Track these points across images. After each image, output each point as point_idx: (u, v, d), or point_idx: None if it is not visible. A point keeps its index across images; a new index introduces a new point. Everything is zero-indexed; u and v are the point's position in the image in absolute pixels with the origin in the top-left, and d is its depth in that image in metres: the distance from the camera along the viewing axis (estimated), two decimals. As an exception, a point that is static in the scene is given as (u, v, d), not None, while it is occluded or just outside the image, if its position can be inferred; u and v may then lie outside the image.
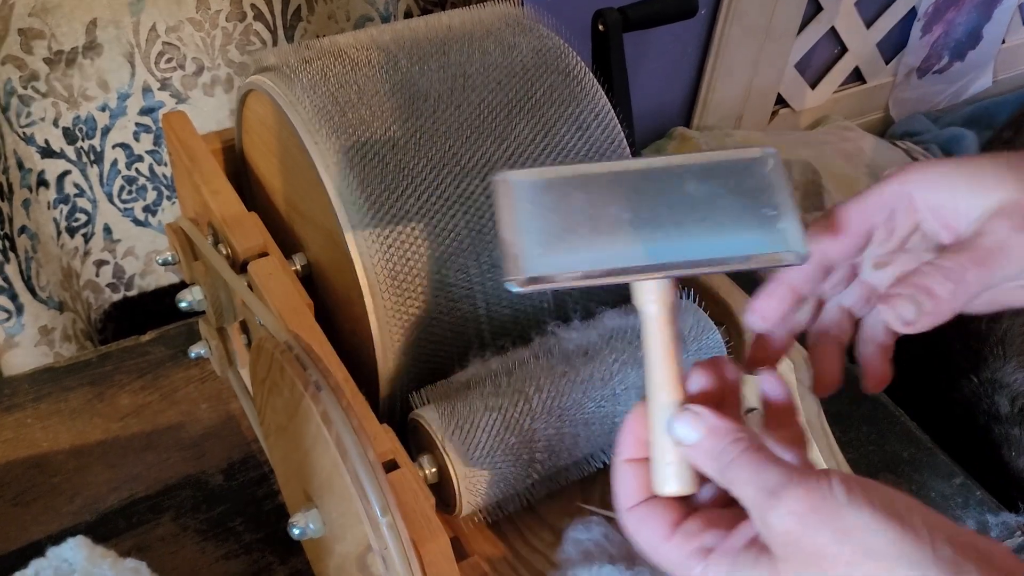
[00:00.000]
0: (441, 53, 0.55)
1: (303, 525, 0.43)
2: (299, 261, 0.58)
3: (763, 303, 0.37)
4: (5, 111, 0.74)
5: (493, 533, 0.54)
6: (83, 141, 0.79)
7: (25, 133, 0.76)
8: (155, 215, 0.87)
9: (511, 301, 0.54)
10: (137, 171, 0.83)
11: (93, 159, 0.81)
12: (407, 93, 0.53)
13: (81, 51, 0.75)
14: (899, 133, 1.46)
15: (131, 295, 0.89)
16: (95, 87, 0.77)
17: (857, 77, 1.44)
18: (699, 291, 0.58)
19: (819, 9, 1.28)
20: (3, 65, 0.73)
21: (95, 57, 0.76)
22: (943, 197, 0.36)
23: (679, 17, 0.80)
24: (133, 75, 0.78)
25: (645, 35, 1.10)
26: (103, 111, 0.79)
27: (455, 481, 0.49)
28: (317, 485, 0.43)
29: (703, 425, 0.32)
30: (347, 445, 0.38)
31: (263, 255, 0.53)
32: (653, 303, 0.34)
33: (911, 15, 1.39)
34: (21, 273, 0.78)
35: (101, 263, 0.86)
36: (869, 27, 1.36)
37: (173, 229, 0.59)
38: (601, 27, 0.77)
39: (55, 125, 0.77)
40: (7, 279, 0.77)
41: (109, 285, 0.88)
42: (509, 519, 0.55)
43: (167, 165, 0.84)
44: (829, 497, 0.29)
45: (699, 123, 1.28)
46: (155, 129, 0.82)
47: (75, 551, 0.50)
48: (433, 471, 0.50)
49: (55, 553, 0.50)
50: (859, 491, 0.29)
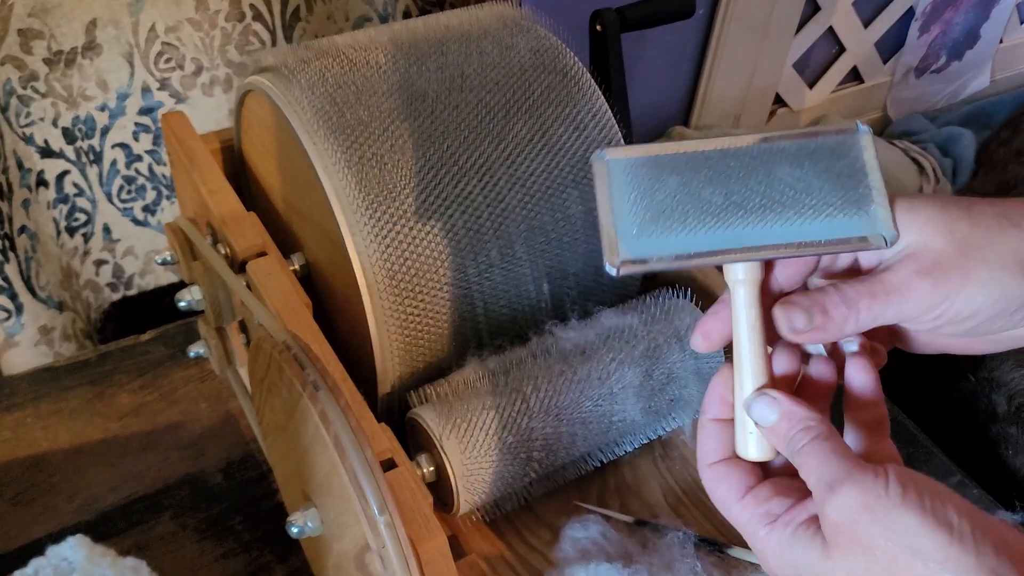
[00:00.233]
0: (439, 53, 0.56)
1: (301, 524, 0.43)
2: (297, 261, 0.58)
3: (707, 324, 0.38)
4: (5, 111, 0.75)
5: (491, 532, 0.55)
6: (82, 141, 0.79)
7: (25, 133, 0.76)
8: (154, 215, 0.87)
9: (509, 300, 0.54)
10: (136, 171, 0.84)
11: (92, 159, 0.81)
12: (405, 93, 0.53)
13: (80, 51, 0.75)
14: (897, 132, 1.47)
15: (130, 295, 0.89)
16: (94, 87, 0.77)
17: (855, 77, 1.44)
18: (697, 291, 0.58)
19: (817, 9, 1.28)
20: (3, 65, 0.73)
21: (94, 57, 0.76)
22: None
23: (677, 17, 0.80)
24: (132, 75, 0.78)
25: (643, 35, 1.10)
26: (102, 111, 0.79)
27: (453, 480, 0.49)
28: (315, 484, 0.43)
29: (778, 409, 0.34)
30: (345, 444, 0.38)
31: (262, 255, 0.53)
32: (742, 283, 0.36)
33: (909, 15, 1.39)
34: (21, 273, 0.78)
35: (101, 263, 0.87)
36: (867, 27, 1.36)
37: (172, 229, 0.59)
38: (599, 27, 0.78)
39: (54, 125, 0.77)
40: (7, 279, 0.77)
41: (108, 285, 0.88)
42: (507, 518, 0.55)
43: (166, 165, 0.84)
44: (883, 496, 0.30)
45: (697, 122, 1.28)
46: (154, 129, 0.82)
47: (75, 550, 0.50)
48: (431, 470, 0.50)
49: (55, 552, 0.50)
50: (913, 492, 0.30)
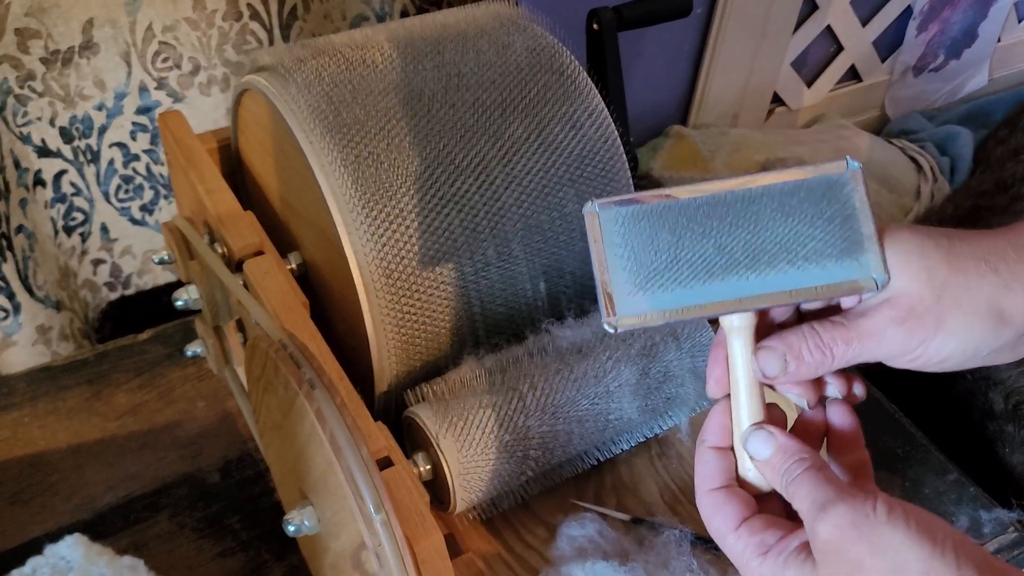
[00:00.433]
0: (436, 52, 0.56)
1: (298, 522, 0.43)
2: (294, 260, 0.58)
3: (715, 371, 0.38)
4: (2, 110, 0.75)
5: (487, 530, 0.55)
6: (80, 140, 0.79)
7: (22, 132, 0.76)
8: (152, 214, 0.87)
9: (505, 299, 0.54)
10: (134, 170, 0.84)
11: (90, 158, 0.81)
12: (402, 92, 0.53)
13: (77, 51, 0.75)
14: (895, 131, 1.47)
15: (128, 294, 0.89)
16: (91, 86, 0.77)
17: (853, 75, 1.44)
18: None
19: (815, 7, 1.28)
20: (0, 64, 0.73)
21: (91, 56, 0.76)
22: None
23: (674, 16, 0.80)
24: (129, 74, 0.78)
25: (641, 34, 1.10)
26: (100, 110, 0.79)
27: (449, 478, 0.49)
28: (312, 482, 0.43)
29: (774, 443, 0.36)
30: (341, 443, 0.38)
31: (258, 254, 0.53)
32: (737, 330, 0.37)
33: (907, 13, 1.39)
34: (18, 272, 0.78)
35: (98, 262, 0.87)
36: (865, 25, 1.36)
37: (169, 228, 0.59)
38: (595, 26, 0.77)
39: (52, 124, 0.77)
40: (4, 278, 0.77)
41: (106, 284, 0.88)
42: (504, 516, 0.55)
43: (164, 164, 0.84)
44: (871, 515, 0.32)
45: (695, 121, 1.28)
46: (152, 128, 0.82)
47: (72, 549, 0.50)
48: (427, 468, 0.50)
49: (52, 551, 0.50)
50: (899, 512, 0.32)
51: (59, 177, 0.80)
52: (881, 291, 0.36)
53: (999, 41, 1.55)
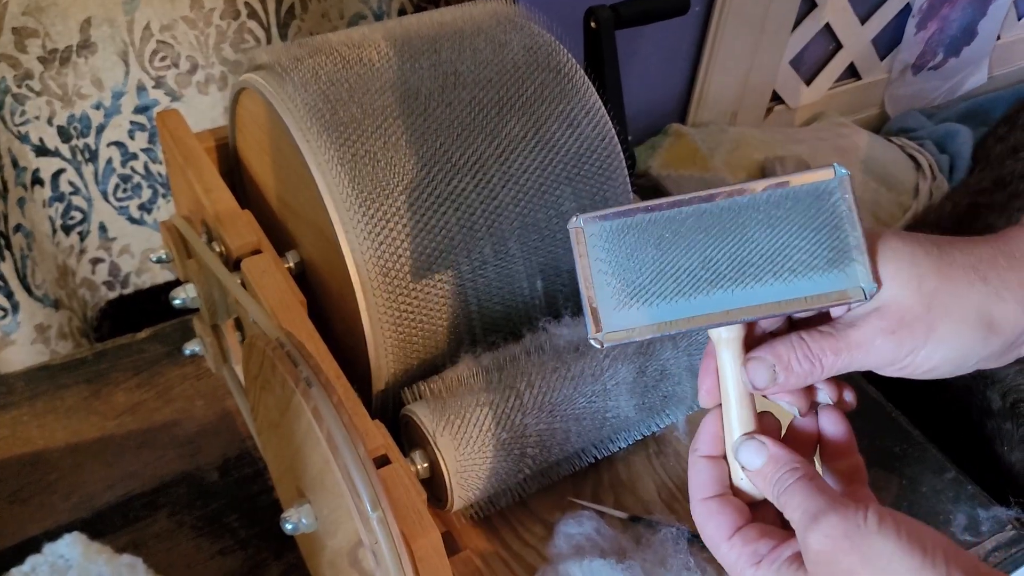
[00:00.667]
0: (432, 51, 0.56)
1: (296, 520, 0.43)
2: (292, 258, 0.58)
3: (706, 382, 0.38)
4: (0, 109, 0.75)
5: (485, 528, 0.55)
6: (78, 139, 0.79)
7: (20, 131, 0.77)
8: (150, 213, 0.87)
9: (502, 297, 0.54)
10: (132, 169, 0.84)
11: (88, 157, 0.81)
12: (398, 91, 0.53)
13: (75, 49, 0.75)
14: (894, 129, 1.47)
15: (127, 293, 0.89)
16: (89, 85, 0.77)
17: (852, 73, 1.44)
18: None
19: (813, 5, 1.28)
20: (-3, 64, 0.73)
21: (89, 56, 0.76)
22: None
23: (671, 14, 0.80)
24: (127, 73, 0.79)
25: (640, 32, 1.10)
26: (97, 109, 0.79)
27: (447, 476, 0.49)
28: (309, 481, 0.43)
29: (766, 453, 0.36)
30: (338, 441, 0.38)
31: (256, 252, 0.53)
32: (726, 342, 0.37)
33: (906, 11, 1.39)
34: (17, 271, 0.78)
35: (97, 261, 0.87)
36: (864, 23, 1.36)
37: (167, 227, 0.59)
38: (593, 24, 0.78)
39: (50, 123, 0.77)
40: (2, 277, 0.77)
41: (105, 283, 0.88)
42: (501, 514, 0.55)
43: (162, 163, 0.84)
44: (862, 525, 0.32)
45: (694, 119, 1.28)
46: (149, 127, 0.82)
47: (71, 547, 0.50)
48: (425, 466, 0.50)
49: (51, 549, 0.50)
50: (890, 522, 0.32)
51: (57, 176, 0.80)
52: (870, 300, 0.35)
53: (998, 39, 1.55)
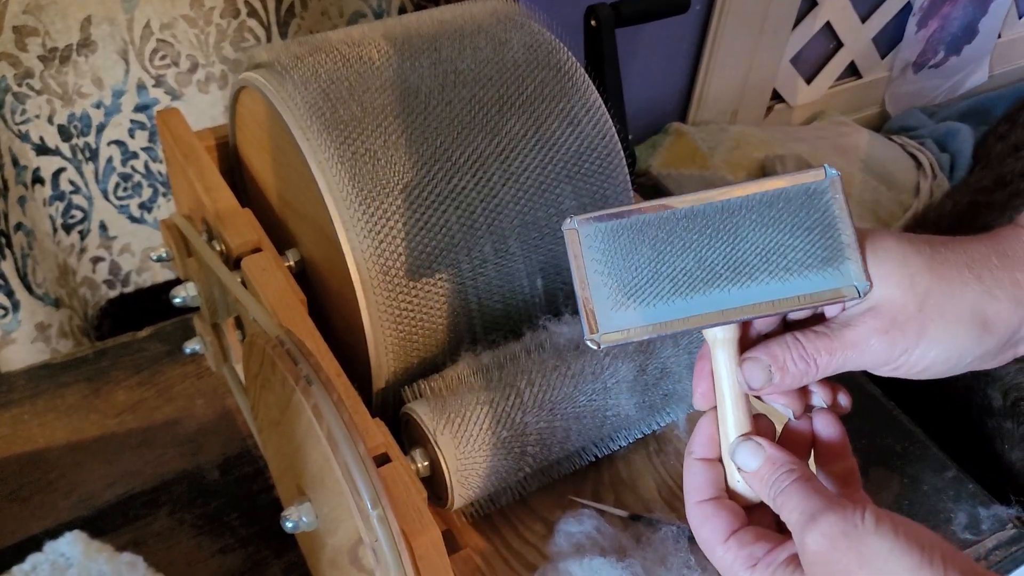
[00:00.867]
0: (432, 49, 0.56)
1: (296, 519, 0.43)
2: (292, 257, 0.58)
3: (701, 385, 0.38)
4: (0, 108, 0.75)
5: (485, 526, 0.55)
6: (78, 138, 0.79)
7: (20, 130, 0.77)
8: (151, 212, 0.87)
9: (502, 296, 0.54)
10: (132, 168, 0.84)
11: (88, 156, 0.81)
12: (398, 89, 0.53)
13: (75, 48, 0.75)
14: (895, 128, 1.46)
15: (127, 291, 0.89)
16: (90, 84, 0.77)
17: (853, 72, 1.43)
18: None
19: (814, 4, 1.28)
20: (-2, 63, 0.73)
21: (89, 54, 0.76)
22: None
23: (672, 12, 0.80)
24: (127, 72, 0.78)
25: (640, 30, 1.10)
26: (98, 108, 0.79)
27: (447, 475, 0.49)
28: (309, 479, 0.43)
29: (762, 455, 0.36)
30: (338, 439, 0.38)
31: (256, 251, 0.53)
32: (721, 342, 0.37)
33: (906, 9, 1.39)
34: (17, 270, 0.78)
35: (97, 260, 0.87)
36: (864, 22, 1.36)
37: (167, 225, 0.59)
38: (593, 22, 0.78)
39: (50, 122, 0.77)
40: (3, 276, 0.77)
41: (105, 282, 0.88)
42: (501, 512, 0.55)
43: (162, 162, 0.84)
44: (859, 525, 0.32)
45: (695, 118, 1.28)
46: (150, 126, 0.82)
47: (72, 546, 0.50)
48: (425, 464, 0.50)
49: (52, 548, 0.50)
50: (887, 522, 0.32)
51: (58, 175, 0.80)
52: (863, 298, 0.35)
53: (999, 37, 1.55)
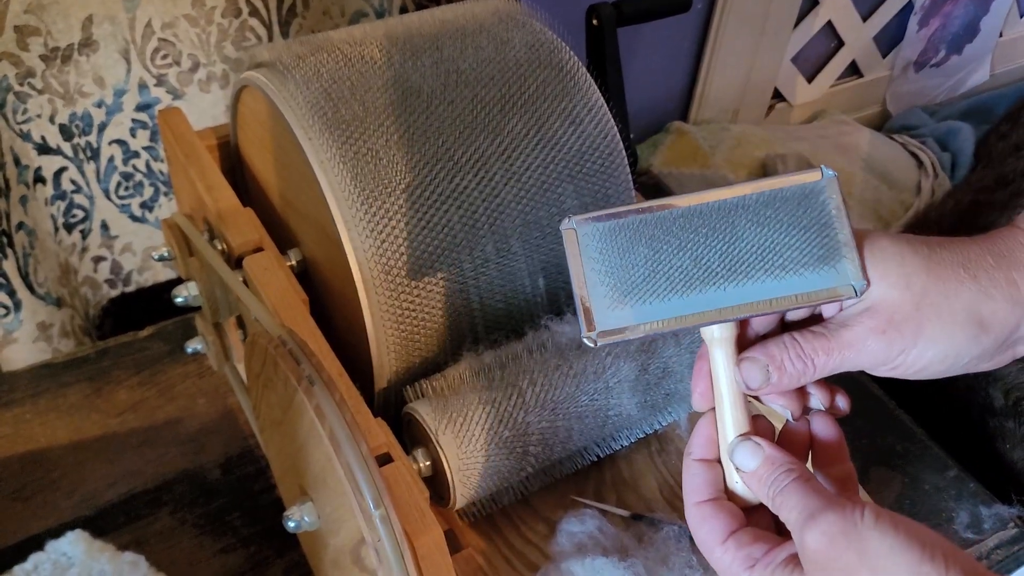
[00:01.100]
0: (434, 49, 0.55)
1: (298, 518, 0.43)
2: (294, 256, 0.58)
3: (700, 385, 0.38)
4: (1, 108, 0.75)
5: (487, 526, 0.55)
6: (79, 137, 0.79)
7: (22, 130, 0.77)
8: (152, 211, 0.87)
9: (504, 295, 0.54)
10: (134, 167, 0.84)
11: (90, 155, 0.81)
12: (400, 89, 0.53)
13: (77, 48, 0.75)
14: (896, 127, 1.46)
15: (129, 291, 0.89)
16: (91, 84, 0.77)
17: (854, 71, 1.43)
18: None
19: (815, 3, 1.28)
20: (-1, 62, 0.73)
21: (91, 54, 0.76)
22: None
23: (673, 11, 0.80)
24: (129, 71, 0.78)
25: (641, 29, 1.10)
26: (99, 107, 0.79)
27: (449, 474, 0.49)
28: (311, 478, 0.43)
29: (761, 455, 0.36)
30: (340, 439, 0.38)
31: (258, 250, 0.53)
32: (718, 341, 0.37)
33: (908, 8, 1.38)
34: (19, 269, 0.78)
35: (99, 259, 0.87)
36: (866, 20, 1.36)
37: (169, 225, 0.59)
38: (595, 22, 0.78)
39: (51, 122, 0.77)
40: (5, 275, 0.77)
41: (107, 281, 0.88)
42: (503, 512, 0.55)
43: (164, 161, 0.84)
44: (859, 523, 0.32)
45: (696, 117, 1.28)
46: (151, 125, 0.82)
47: (74, 545, 0.50)
48: (427, 464, 0.50)
49: (54, 547, 0.50)
50: (887, 520, 0.32)
51: (59, 174, 0.80)
52: (860, 297, 0.36)
53: (1001, 36, 1.55)
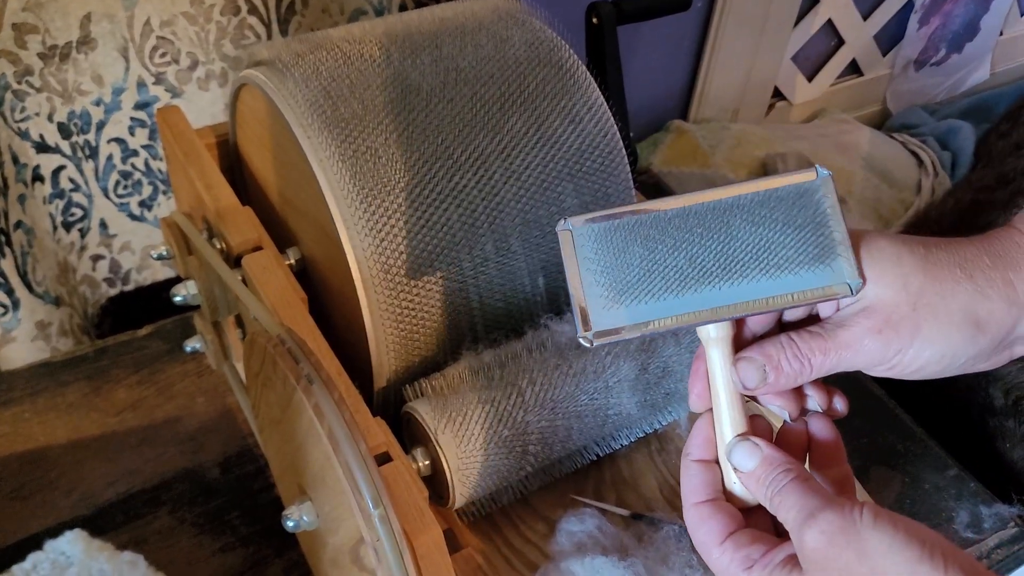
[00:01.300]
0: (434, 47, 0.55)
1: (297, 518, 0.43)
2: (293, 255, 0.58)
3: (697, 385, 0.38)
4: (0, 106, 0.75)
5: (486, 525, 0.55)
6: (78, 136, 0.79)
7: (20, 128, 0.76)
8: (151, 210, 0.87)
9: (504, 294, 0.54)
10: (132, 166, 0.84)
11: (88, 154, 0.81)
12: (399, 87, 0.53)
13: (75, 46, 0.75)
14: (896, 126, 1.46)
15: (127, 290, 0.89)
16: (89, 82, 0.77)
17: (854, 70, 1.43)
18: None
19: (815, 2, 1.28)
20: (-3, 60, 0.73)
21: (89, 52, 0.76)
22: None
23: (673, 10, 0.80)
24: (127, 70, 0.78)
25: (641, 28, 1.10)
26: (97, 106, 0.79)
27: (448, 474, 0.49)
28: (310, 478, 0.43)
29: (759, 455, 0.36)
30: (339, 438, 0.38)
31: (257, 249, 0.53)
32: (714, 341, 0.37)
33: (908, 7, 1.38)
34: (17, 268, 0.78)
35: (97, 258, 0.87)
36: (866, 19, 1.36)
37: (168, 223, 0.59)
38: (595, 20, 0.77)
39: (50, 120, 0.77)
40: (3, 274, 0.77)
41: (106, 280, 0.88)
42: (502, 511, 0.55)
43: (162, 160, 0.84)
44: (858, 521, 0.32)
45: (696, 116, 1.28)
46: (150, 124, 0.82)
47: (72, 544, 0.50)
48: (426, 463, 0.50)
49: (53, 546, 0.50)
50: (886, 519, 0.32)
51: (57, 173, 0.80)
52: (856, 296, 0.35)
53: (1001, 35, 1.55)
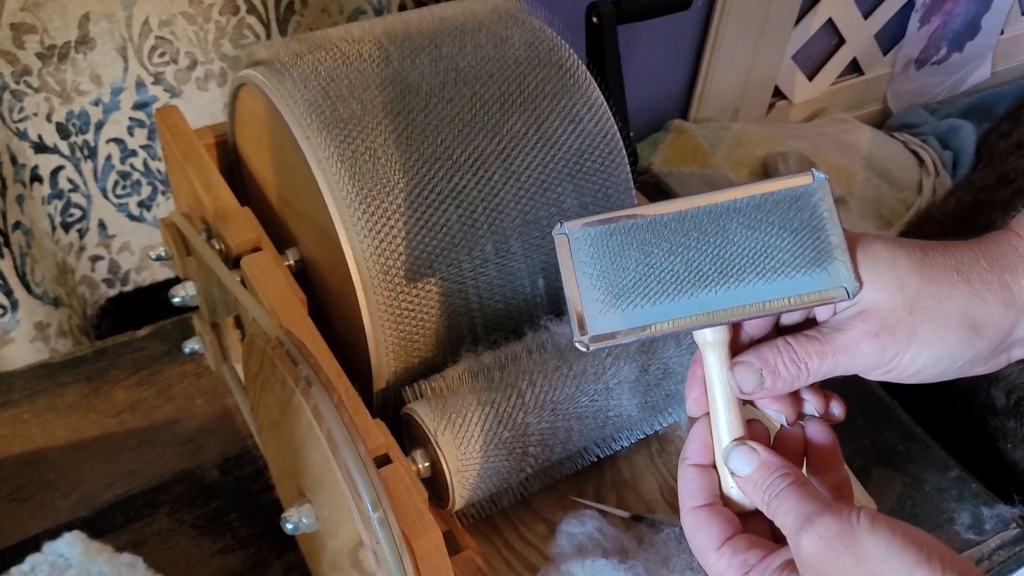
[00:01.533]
0: (433, 46, 0.55)
1: (296, 520, 0.43)
2: (292, 256, 0.58)
3: (694, 390, 0.38)
4: (-2, 106, 0.74)
5: (486, 527, 0.54)
6: (76, 136, 0.79)
7: (18, 128, 0.76)
8: (150, 210, 0.86)
9: (504, 295, 0.54)
10: (131, 166, 0.83)
11: (87, 154, 0.81)
12: (398, 87, 0.53)
13: (74, 45, 0.75)
14: (897, 125, 1.46)
15: (126, 290, 0.89)
16: (88, 82, 0.77)
17: (855, 69, 1.43)
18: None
19: (816, 1, 1.28)
20: (-4, 60, 0.73)
21: (88, 52, 0.75)
22: None
23: (674, 9, 0.80)
24: (126, 69, 0.78)
25: (641, 27, 1.10)
26: (96, 106, 0.79)
27: (448, 475, 0.49)
28: (309, 480, 0.43)
29: (757, 459, 0.35)
30: (338, 440, 0.38)
31: (256, 250, 0.53)
32: (711, 345, 0.37)
33: (909, 6, 1.38)
34: (16, 269, 0.78)
35: (96, 258, 0.86)
36: (867, 18, 1.35)
37: (166, 224, 0.59)
38: (595, 19, 0.77)
39: (48, 120, 0.77)
40: (2, 275, 0.77)
41: (104, 280, 0.88)
42: (503, 513, 0.55)
43: (161, 160, 0.84)
44: (855, 526, 0.32)
45: (696, 115, 1.27)
46: (149, 124, 0.82)
47: (71, 546, 0.50)
48: (426, 465, 0.50)
49: (51, 548, 0.50)
50: (883, 523, 0.32)
51: (56, 173, 0.80)
52: (853, 299, 0.35)
53: (1002, 34, 1.54)
